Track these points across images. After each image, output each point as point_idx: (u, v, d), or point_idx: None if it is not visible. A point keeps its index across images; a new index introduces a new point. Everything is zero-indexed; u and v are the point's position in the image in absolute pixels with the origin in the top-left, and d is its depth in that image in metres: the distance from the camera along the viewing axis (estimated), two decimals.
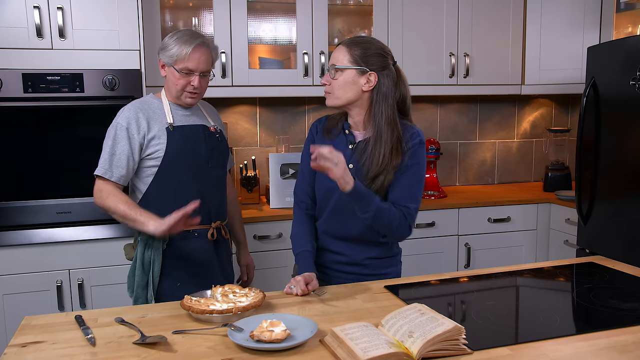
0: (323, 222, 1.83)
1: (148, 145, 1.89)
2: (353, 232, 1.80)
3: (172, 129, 1.91)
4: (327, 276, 1.85)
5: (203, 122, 2.01)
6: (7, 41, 2.37)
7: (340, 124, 1.83)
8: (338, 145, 1.73)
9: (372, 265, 1.84)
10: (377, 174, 1.69)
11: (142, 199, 1.94)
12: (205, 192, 1.95)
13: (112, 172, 1.87)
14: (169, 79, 1.92)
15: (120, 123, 1.88)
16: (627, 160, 2.55)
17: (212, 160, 1.98)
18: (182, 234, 1.91)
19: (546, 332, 1.33)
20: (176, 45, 1.86)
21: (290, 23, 3.08)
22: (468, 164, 3.73)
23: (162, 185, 1.91)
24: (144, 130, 1.88)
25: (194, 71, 1.87)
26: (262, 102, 3.30)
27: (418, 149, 1.75)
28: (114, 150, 1.87)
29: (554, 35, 3.28)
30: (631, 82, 2.50)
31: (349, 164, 1.73)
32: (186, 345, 1.28)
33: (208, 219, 1.98)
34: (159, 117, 1.92)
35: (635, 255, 2.46)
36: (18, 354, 1.25)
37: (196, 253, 1.95)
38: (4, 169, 2.43)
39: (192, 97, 1.92)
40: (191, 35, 1.89)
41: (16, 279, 2.44)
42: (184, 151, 1.91)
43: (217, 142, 2.01)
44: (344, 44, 1.76)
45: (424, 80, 3.18)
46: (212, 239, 1.98)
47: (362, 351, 1.14)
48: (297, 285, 1.61)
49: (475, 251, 3.10)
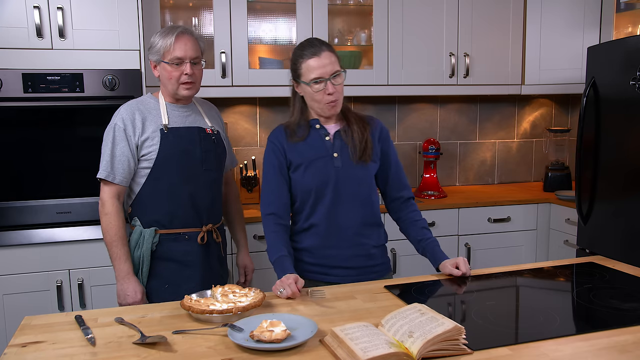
0: (321, 215, 1.82)
1: (142, 146, 1.90)
2: (356, 218, 1.82)
3: (166, 131, 1.90)
4: (330, 276, 1.84)
5: (200, 123, 2.00)
6: (7, 41, 2.37)
7: (303, 125, 1.87)
8: (313, 142, 1.84)
9: (375, 255, 1.88)
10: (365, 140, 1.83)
11: (135, 199, 1.95)
12: (196, 195, 1.96)
13: (114, 175, 1.88)
14: (163, 75, 1.91)
15: (117, 124, 1.89)
16: (627, 160, 2.55)
17: (206, 163, 1.98)
18: (173, 236, 1.94)
19: (546, 332, 1.32)
20: (160, 40, 1.88)
21: (290, 23, 3.08)
22: (468, 164, 3.73)
23: (154, 187, 1.92)
24: (139, 131, 1.89)
25: (183, 59, 1.87)
26: (262, 102, 3.30)
27: (388, 136, 1.93)
28: (114, 152, 1.88)
29: (554, 35, 3.28)
30: (631, 82, 2.50)
31: (332, 153, 1.82)
32: (186, 345, 1.28)
33: (199, 222, 1.98)
34: (155, 118, 1.92)
35: (635, 255, 2.46)
36: (18, 354, 1.25)
37: (185, 255, 1.95)
38: (4, 169, 2.43)
39: (188, 87, 1.91)
40: (171, 27, 1.91)
41: (16, 279, 2.44)
42: (176, 153, 1.91)
43: (212, 144, 2.00)
44: (326, 49, 1.79)
45: (424, 80, 3.18)
46: (202, 243, 1.97)
47: (362, 351, 1.14)
48: (287, 287, 1.58)
49: (475, 251, 3.10)
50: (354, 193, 1.82)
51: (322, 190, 1.81)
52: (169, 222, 1.93)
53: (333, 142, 1.84)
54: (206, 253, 2.00)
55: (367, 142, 1.83)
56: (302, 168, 1.82)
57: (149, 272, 1.93)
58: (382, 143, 1.90)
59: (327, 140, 1.84)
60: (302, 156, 1.82)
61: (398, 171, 1.93)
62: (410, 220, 1.92)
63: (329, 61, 1.76)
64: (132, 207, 1.96)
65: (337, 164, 1.81)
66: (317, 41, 1.81)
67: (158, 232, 1.92)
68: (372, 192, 1.87)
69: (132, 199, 1.95)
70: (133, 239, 1.93)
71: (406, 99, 3.52)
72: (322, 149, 1.83)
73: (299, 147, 1.84)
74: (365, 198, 1.84)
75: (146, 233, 1.91)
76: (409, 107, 3.55)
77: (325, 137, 1.84)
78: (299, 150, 1.83)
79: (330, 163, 1.81)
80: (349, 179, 1.81)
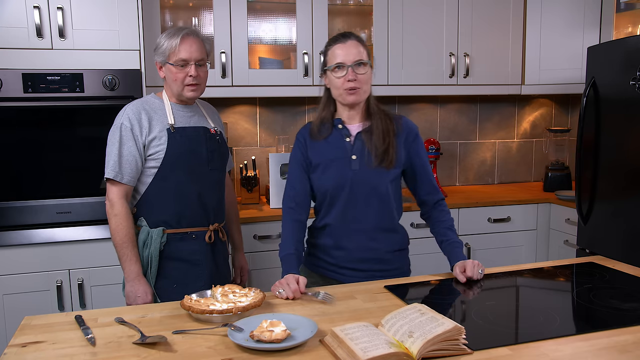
0: (336, 216, 1.82)
1: (149, 146, 1.89)
2: (369, 222, 1.81)
3: (173, 130, 1.91)
4: (339, 275, 1.84)
5: (204, 123, 2.01)
6: (7, 41, 2.37)
7: (327, 124, 1.85)
8: (334, 142, 1.83)
9: (390, 260, 1.86)
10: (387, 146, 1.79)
11: (140, 200, 1.94)
12: (204, 194, 1.96)
13: (122, 175, 1.86)
14: (168, 76, 1.92)
15: (124, 124, 1.88)
16: (627, 160, 2.55)
17: (212, 163, 1.99)
18: (180, 236, 1.94)
19: (546, 332, 1.32)
20: (165, 41, 1.88)
21: (290, 23, 3.08)
22: (468, 164, 3.73)
23: (162, 186, 1.92)
24: (146, 131, 1.88)
25: (188, 61, 1.87)
26: (262, 102, 3.30)
27: (418, 137, 1.89)
28: (121, 151, 1.87)
29: (554, 35, 3.28)
30: (631, 82, 2.50)
31: (351, 155, 1.80)
32: (186, 345, 1.28)
33: (206, 221, 1.99)
34: (160, 117, 1.92)
35: (635, 255, 2.46)
36: (18, 354, 1.25)
37: (193, 255, 1.96)
38: (4, 169, 2.43)
39: (193, 89, 1.91)
40: (178, 28, 1.91)
41: (16, 279, 2.44)
42: (184, 153, 1.91)
43: (217, 144, 2.02)
44: (355, 39, 1.80)
45: (424, 80, 3.18)
46: (209, 242, 1.99)
47: (362, 351, 1.14)
48: (286, 287, 1.59)
49: (476, 251, 3.10)
50: (369, 197, 1.80)
51: (337, 192, 1.80)
52: (176, 222, 1.93)
53: (353, 143, 1.81)
54: (213, 252, 2.01)
55: (390, 147, 1.79)
56: (320, 169, 1.82)
57: (157, 272, 1.92)
58: (409, 146, 1.85)
59: (347, 142, 1.82)
60: (321, 156, 1.82)
61: (426, 174, 1.89)
62: (435, 220, 1.90)
63: (354, 49, 1.76)
64: (137, 207, 1.94)
65: (355, 166, 1.79)
66: (348, 33, 1.82)
67: (165, 232, 1.92)
68: (389, 196, 1.83)
69: (137, 199, 1.94)
70: (140, 240, 1.92)
71: (406, 99, 3.52)
72: (341, 150, 1.81)
73: (320, 146, 1.84)
74: (380, 203, 1.81)
75: (154, 233, 1.90)
76: (409, 107, 3.55)
77: (346, 137, 1.82)
78: (320, 149, 1.83)
79: (348, 165, 1.80)
80: (365, 182, 1.79)
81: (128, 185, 1.88)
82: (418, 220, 2.91)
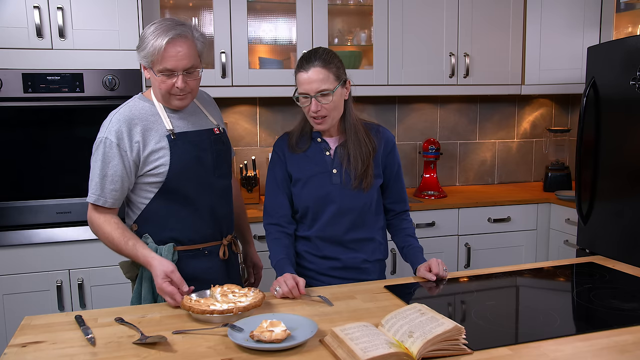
0: (318, 230, 1.82)
1: (146, 162, 1.65)
2: (349, 233, 1.82)
3: (173, 137, 1.67)
4: (323, 283, 1.84)
5: (206, 123, 1.79)
6: (7, 41, 2.37)
7: (306, 136, 1.84)
8: (314, 156, 1.82)
9: (369, 270, 1.86)
10: (365, 168, 1.77)
11: (141, 215, 1.72)
12: (215, 207, 1.77)
13: (105, 198, 1.64)
14: (152, 82, 1.67)
15: (109, 139, 1.62)
16: (627, 160, 2.55)
17: (218, 169, 1.77)
18: (192, 253, 1.75)
19: (546, 332, 1.33)
20: (150, 41, 1.59)
21: (290, 23, 3.08)
22: (468, 164, 3.73)
23: (167, 201, 1.69)
24: (139, 145, 1.64)
25: (174, 71, 1.60)
26: (262, 102, 3.30)
27: (394, 149, 1.87)
28: (104, 171, 1.63)
29: (554, 35, 3.28)
30: (631, 82, 2.50)
31: (332, 169, 1.80)
32: (186, 345, 1.28)
33: (220, 235, 1.81)
34: (155, 126, 1.67)
35: (635, 255, 2.46)
36: (18, 354, 1.25)
37: (207, 273, 1.74)
38: (4, 169, 2.43)
39: (181, 99, 1.67)
40: (167, 26, 1.60)
41: (16, 279, 2.44)
42: (190, 161, 1.69)
43: (222, 146, 1.81)
44: (319, 64, 1.68)
45: (424, 80, 3.18)
46: (224, 258, 1.80)
47: (362, 351, 1.14)
48: (282, 285, 1.59)
49: (475, 251, 3.10)
50: (350, 210, 1.80)
51: (318, 207, 1.80)
52: (187, 238, 1.73)
53: (333, 157, 1.81)
54: (227, 267, 1.83)
55: (368, 168, 1.77)
56: (300, 183, 1.81)
57: None
58: (385, 158, 1.85)
59: (327, 155, 1.81)
60: (302, 171, 1.81)
61: (397, 184, 1.90)
62: (397, 228, 1.92)
63: (316, 77, 1.67)
64: (137, 223, 1.73)
65: (336, 180, 1.79)
66: (315, 55, 1.70)
67: (176, 249, 1.71)
68: (370, 207, 1.83)
69: (138, 214, 1.72)
70: None
71: (406, 99, 3.52)
72: (322, 165, 1.80)
73: (299, 160, 1.82)
74: (360, 214, 1.82)
75: (163, 250, 1.68)
76: (409, 107, 3.55)
77: (325, 151, 1.82)
78: (299, 163, 1.82)
79: (329, 180, 1.79)
80: (345, 196, 1.79)
81: (112, 208, 1.66)
82: (417, 221, 2.91)
